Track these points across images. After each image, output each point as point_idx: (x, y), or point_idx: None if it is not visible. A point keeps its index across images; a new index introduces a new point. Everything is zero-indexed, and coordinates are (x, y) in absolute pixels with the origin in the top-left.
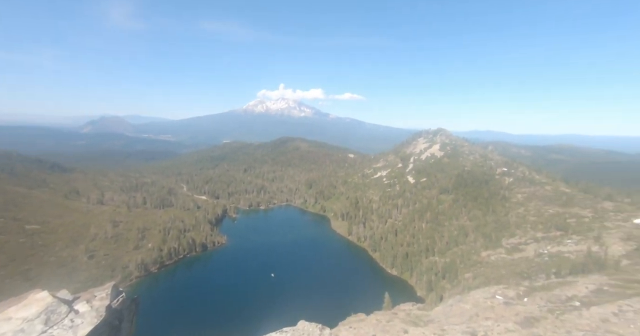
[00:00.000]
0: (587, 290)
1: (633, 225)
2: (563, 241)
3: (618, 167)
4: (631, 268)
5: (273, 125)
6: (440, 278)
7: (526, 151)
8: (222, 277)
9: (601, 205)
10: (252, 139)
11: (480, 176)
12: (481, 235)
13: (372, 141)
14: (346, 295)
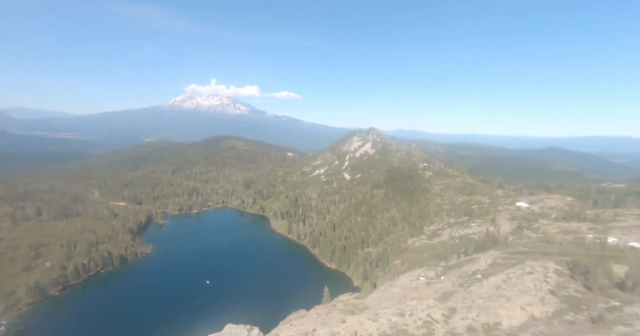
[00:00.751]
0: (486, 264)
1: (516, 207)
2: (469, 224)
3: (506, 161)
4: (515, 242)
5: (205, 122)
6: (374, 267)
7: (442, 148)
8: (147, 291)
9: (495, 193)
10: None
11: (406, 171)
12: (408, 225)
13: (310, 140)
14: (288, 293)
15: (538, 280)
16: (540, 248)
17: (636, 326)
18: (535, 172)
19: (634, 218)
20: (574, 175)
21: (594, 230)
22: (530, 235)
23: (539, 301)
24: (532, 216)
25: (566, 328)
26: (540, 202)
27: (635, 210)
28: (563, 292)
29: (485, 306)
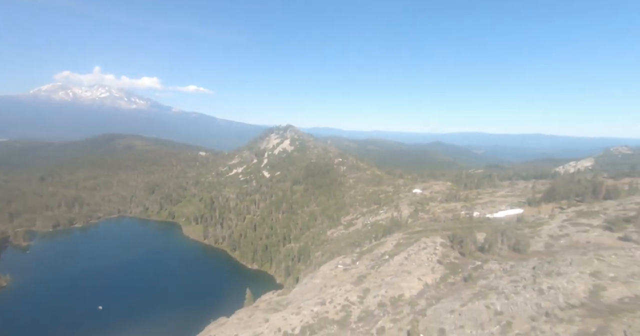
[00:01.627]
0: (392, 245)
1: (413, 194)
2: (378, 212)
3: (404, 154)
4: (413, 224)
5: (88, 118)
6: (296, 262)
7: (353, 144)
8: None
9: (397, 182)
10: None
11: (324, 166)
12: (327, 217)
13: (225, 138)
14: (208, 303)
15: (430, 253)
16: (431, 226)
17: (491, 278)
18: (425, 163)
19: (488, 195)
20: (451, 164)
21: (465, 207)
22: (423, 217)
23: (431, 271)
24: (425, 200)
25: (449, 289)
26: (430, 188)
27: (489, 189)
28: (446, 260)
29: (391, 282)
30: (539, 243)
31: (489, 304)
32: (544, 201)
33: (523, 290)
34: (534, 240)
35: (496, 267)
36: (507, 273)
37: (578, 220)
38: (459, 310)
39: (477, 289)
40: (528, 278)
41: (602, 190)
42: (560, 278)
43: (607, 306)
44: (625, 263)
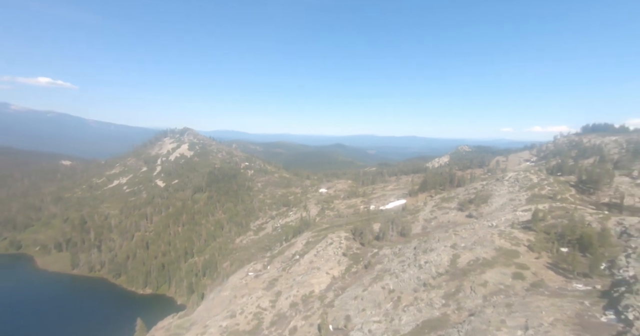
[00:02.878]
0: (302, 245)
1: (319, 193)
2: (288, 214)
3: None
4: (320, 222)
5: None
6: (201, 277)
7: (260, 147)
8: None
9: (304, 183)
10: None
11: (229, 171)
12: (235, 224)
13: (101, 143)
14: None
15: (336, 248)
16: (336, 222)
17: (385, 262)
18: (329, 163)
19: (380, 190)
20: (350, 164)
21: (363, 202)
22: (329, 214)
23: (337, 264)
24: (330, 198)
25: (353, 278)
26: (334, 187)
27: (381, 184)
28: (350, 252)
29: (302, 280)
30: (418, 226)
31: (384, 285)
32: (419, 191)
33: (408, 267)
34: (414, 225)
35: (389, 252)
36: (397, 255)
37: (442, 204)
38: (361, 295)
39: (375, 273)
40: (411, 257)
41: (455, 180)
42: (433, 253)
43: (461, 269)
44: (470, 234)
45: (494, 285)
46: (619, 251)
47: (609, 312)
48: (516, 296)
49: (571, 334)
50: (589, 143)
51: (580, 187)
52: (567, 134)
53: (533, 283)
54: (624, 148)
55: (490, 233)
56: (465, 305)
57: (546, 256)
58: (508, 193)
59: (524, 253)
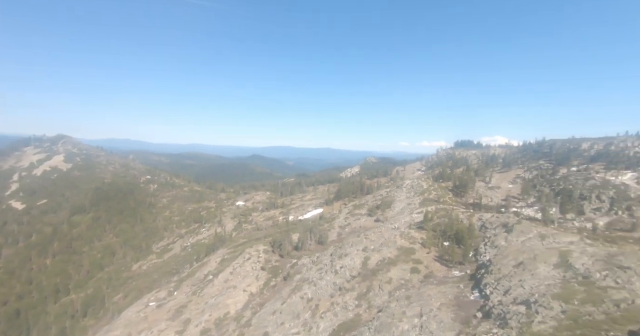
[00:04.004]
0: (216, 263)
1: (236, 206)
2: (200, 230)
3: (225, 167)
4: (237, 236)
5: None
6: (79, 318)
7: (166, 158)
8: None
9: (219, 196)
10: None
11: (124, 186)
12: (131, 248)
13: None
14: None
15: (254, 262)
16: (254, 236)
17: (304, 271)
18: (246, 175)
19: (299, 200)
20: (268, 175)
21: (282, 213)
22: (247, 227)
23: (255, 280)
24: (247, 211)
25: (272, 292)
26: (252, 199)
27: (299, 194)
28: (269, 265)
29: (216, 303)
30: (334, 233)
31: (303, 294)
32: (335, 200)
33: (325, 274)
34: (331, 232)
35: (307, 261)
36: (315, 263)
37: (354, 211)
38: (280, 308)
39: (294, 284)
40: (328, 263)
41: (365, 188)
42: (347, 258)
43: (371, 270)
44: (377, 237)
45: (397, 281)
46: (480, 241)
47: (475, 291)
48: (413, 289)
49: (451, 313)
50: (459, 156)
51: (455, 191)
52: (445, 148)
53: (426, 275)
54: (480, 160)
55: (394, 235)
56: (375, 303)
57: (434, 251)
58: (406, 198)
59: (418, 249)
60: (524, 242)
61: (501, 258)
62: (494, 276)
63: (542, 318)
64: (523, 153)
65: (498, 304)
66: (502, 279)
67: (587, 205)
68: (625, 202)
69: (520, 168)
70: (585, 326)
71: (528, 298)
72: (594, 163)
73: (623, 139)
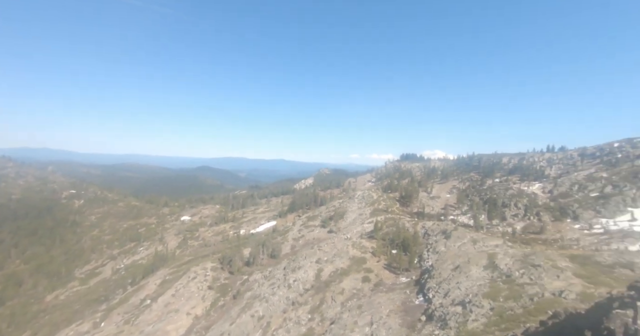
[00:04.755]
0: (155, 285)
1: (181, 222)
2: (137, 250)
3: (169, 180)
4: (182, 254)
5: None
6: None
7: (96, 170)
8: None
9: (162, 211)
10: None
11: (40, 203)
12: (45, 276)
13: None
14: None
15: (200, 282)
16: (201, 252)
17: (255, 288)
18: (193, 188)
19: (251, 213)
20: (219, 187)
21: (233, 227)
22: (193, 244)
23: (201, 301)
24: (194, 226)
25: (220, 313)
26: (199, 213)
27: (252, 207)
28: (217, 284)
29: (154, 330)
30: (288, 246)
31: (254, 312)
32: (289, 212)
33: (278, 289)
34: (284, 245)
35: (259, 276)
36: (267, 278)
37: (308, 223)
38: (228, 329)
39: (245, 302)
40: (281, 278)
41: (319, 199)
42: (301, 271)
43: (324, 282)
44: (331, 248)
45: (349, 291)
46: (423, 247)
47: (419, 296)
48: (365, 298)
49: (399, 319)
50: (405, 168)
51: (402, 201)
52: (392, 161)
53: (376, 283)
54: (423, 172)
55: (346, 245)
56: (328, 315)
57: (384, 259)
58: (358, 209)
59: (369, 258)
60: (460, 247)
61: (441, 262)
62: (436, 280)
63: (475, 316)
64: (457, 166)
65: (439, 306)
66: (443, 282)
67: (508, 211)
68: (535, 208)
69: (455, 180)
70: (508, 320)
71: (464, 299)
72: (512, 176)
73: (532, 155)
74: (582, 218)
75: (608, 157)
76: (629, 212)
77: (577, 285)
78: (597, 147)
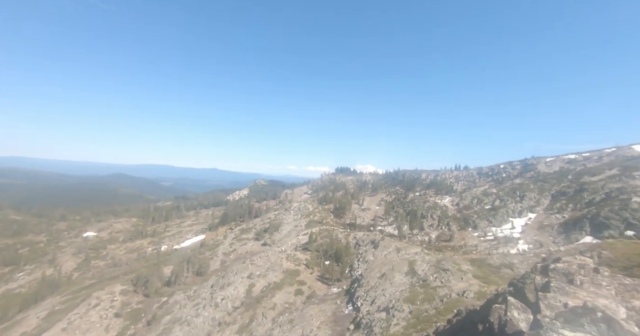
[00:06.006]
0: (38, 319)
1: (83, 238)
2: (14, 276)
3: (70, 188)
4: (81, 277)
5: None
6: None
7: None
8: None
9: (56, 227)
10: None
11: None
12: None
13: None
14: None
15: (104, 309)
16: (109, 274)
17: (175, 310)
18: (104, 198)
19: (176, 226)
20: (137, 197)
21: (152, 243)
22: (98, 264)
23: (104, 331)
24: (101, 243)
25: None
26: (109, 228)
27: (177, 220)
28: (127, 309)
29: None
30: (217, 262)
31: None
32: (220, 225)
33: (203, 309)
34: (213, 261)
35: (181, 297)
36: (191, 299)
37: (241, 236)
38: None
39: (161, 328)
40: (207, 297)
41: (254, 211)
42: (230, 288)
43: (255, 298)
44: (264, 262)
45: (281, 306)
46: (354, 257)
47: (349, 305)
48: (297, 311)
49: (329, 330)
50: (339, 181)
51: (336, 213)
52: (328, 173)
53: (309, 296)
54: (356, 185)
55: (280, 258)
56: (258, 333)
57: (317, 270)
58: (293, 221)
59: (303, 270)
60: (386, 256)
61: (370, 271)
62: (364, 288)
63: (396, 320)
64: (386, 180)
65: (366, 314)
66: (370, 290)
67: (426, 222)
68: (446, 219)
69: (384, 193)
70: (423, 321)
71: (388, 305)
72: (429, 190)
73: (444, 172)
74: (479, 227)
75: (497, 176)
76: (510, 221)
77: (475, 285)
78: (489, 167)
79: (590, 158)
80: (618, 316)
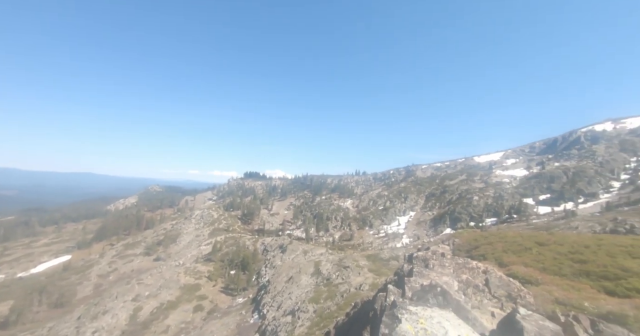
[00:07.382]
0: None
1: None
2: None
3: None
4: None
5: None
6: None
7: None
8: None
9: None
10: None
11: None
12: None
13: None
14: None
15: None
16: None
17: None
18: None
19: (23, 247)
20: None
21: None
22: None
23: None
24: None
25: None
26: None
27: (25, 240)
28: None
29: None
30: (88, 287)
31: None
32: (95, 241)
33: None
34: (82, 286)
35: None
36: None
37: (125, 252)
38: None
39: None
40: (72, 332)
41: (144, 222)
42: (106, 316)
43: (141, 323)
44: (156, 279)
45: (176, 327)
46: (262, 264)
47: (255, 314)
48: (195, 329)
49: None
50: (248, 186)
51: (244, 219)
52: (236, 178)
53: (210, 310)
54: (265, 189)
55: (177, 273)
56: None
57: (221, 282)
58: (195, 230)
59: (204, 284)
60: (294, 259)
61: (277, 276)
62: (271, 294)
63: (301, 322)
64: (294, 185)
65: (272, 320)
66: (277, 295)
67: (330, 224)
68: (348, 220)
69: (293, 197)
70: (326, 318)
71: (294, 308)
72: (333, 193)
73: (346, 177)
74: (374, 225)
75: (388, 180)
76: (397, 219)
77: (370, 278)
78: (382, 172)
79: (450, 166)
80: (452, 289)
